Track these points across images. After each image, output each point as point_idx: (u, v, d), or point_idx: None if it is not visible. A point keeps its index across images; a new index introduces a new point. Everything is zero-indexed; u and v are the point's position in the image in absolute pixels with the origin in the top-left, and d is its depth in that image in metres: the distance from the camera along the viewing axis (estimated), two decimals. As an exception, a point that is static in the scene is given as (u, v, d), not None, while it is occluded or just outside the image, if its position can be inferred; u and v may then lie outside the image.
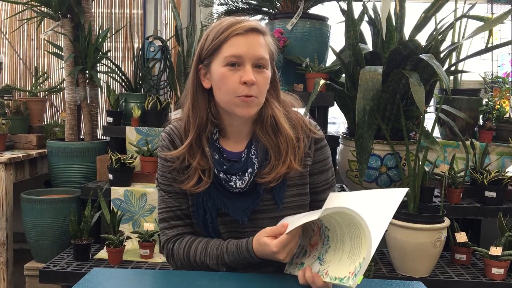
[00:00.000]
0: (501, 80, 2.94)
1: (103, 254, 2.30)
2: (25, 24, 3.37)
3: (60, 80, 3.39)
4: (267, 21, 2.87)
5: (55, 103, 3.50)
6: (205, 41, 1.15)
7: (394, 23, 2.30)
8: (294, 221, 1.02)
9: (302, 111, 1.29)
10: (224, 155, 1.18)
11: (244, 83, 1.09)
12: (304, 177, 1.23)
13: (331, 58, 2.77)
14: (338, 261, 0.97)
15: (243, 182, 1.15)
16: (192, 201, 1.20)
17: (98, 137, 3.08)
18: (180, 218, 1.22)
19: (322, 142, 1.25)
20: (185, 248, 1.18)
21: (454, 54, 2.80)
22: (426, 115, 2.20)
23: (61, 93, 3.41)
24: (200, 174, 1.16)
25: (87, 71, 2.84)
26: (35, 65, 3.43)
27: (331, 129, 3.21)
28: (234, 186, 1.16)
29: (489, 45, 2.86)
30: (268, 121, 1.17)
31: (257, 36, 1.12)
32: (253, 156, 1.17)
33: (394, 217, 2.08)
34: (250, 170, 1.15)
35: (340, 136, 2.45)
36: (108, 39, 3.24)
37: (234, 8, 2.98)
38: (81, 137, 2.98)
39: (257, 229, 1.11)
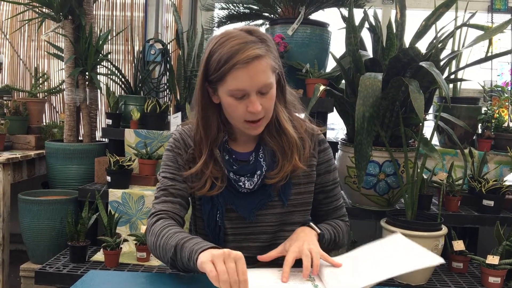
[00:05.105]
0: (500, 89, 2.95)
1: (99, 256, 2.30)
2: (26, 24, 3.38)
3: (60, 81, 3.40)
4: (267, 26, 2.88)
5: (54, 104, 3.50)
6: (209, 62, 1.13)
7: (394, 30, 2.30)
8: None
9: (302, 115, 1.33)
10: (234, 156, 1.23)
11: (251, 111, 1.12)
12: (309, 176, 1.28)
13: (331, 64, 2.78)
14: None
15: (252, 183, 1.21)
16: (200, 196, 1.23)
17: (97, 139, 3.07)
18: (173, 195, 1.21)
19: (325, 143, 1.32)
20: (162, 226, 1.13)
21: (454, 62, 2.81)
22: (425, 123, 2.20)
23: (61, 94, 3.42)
24: (213, 180, 1.20)
25: (87, 73, 2.84)
26: (35, 66, 3.43)
27: (330, 135, 3.21)
28: (243, 186, 1.21)
29: (489, 54, 2.87)
30: (273, 124, 1.22)
31: (259, 62, 1.10)
32: (261, 160, 1.22)
33: (392, 224, 2.09)
34: (258, 172, 1.21)
35: (339, 142, 2.45)
36: (109, 41, 3.24)
37: (235, 12, 2.99)
38: (79, 138, 2.98)
39: (261, 223, 1.23)
